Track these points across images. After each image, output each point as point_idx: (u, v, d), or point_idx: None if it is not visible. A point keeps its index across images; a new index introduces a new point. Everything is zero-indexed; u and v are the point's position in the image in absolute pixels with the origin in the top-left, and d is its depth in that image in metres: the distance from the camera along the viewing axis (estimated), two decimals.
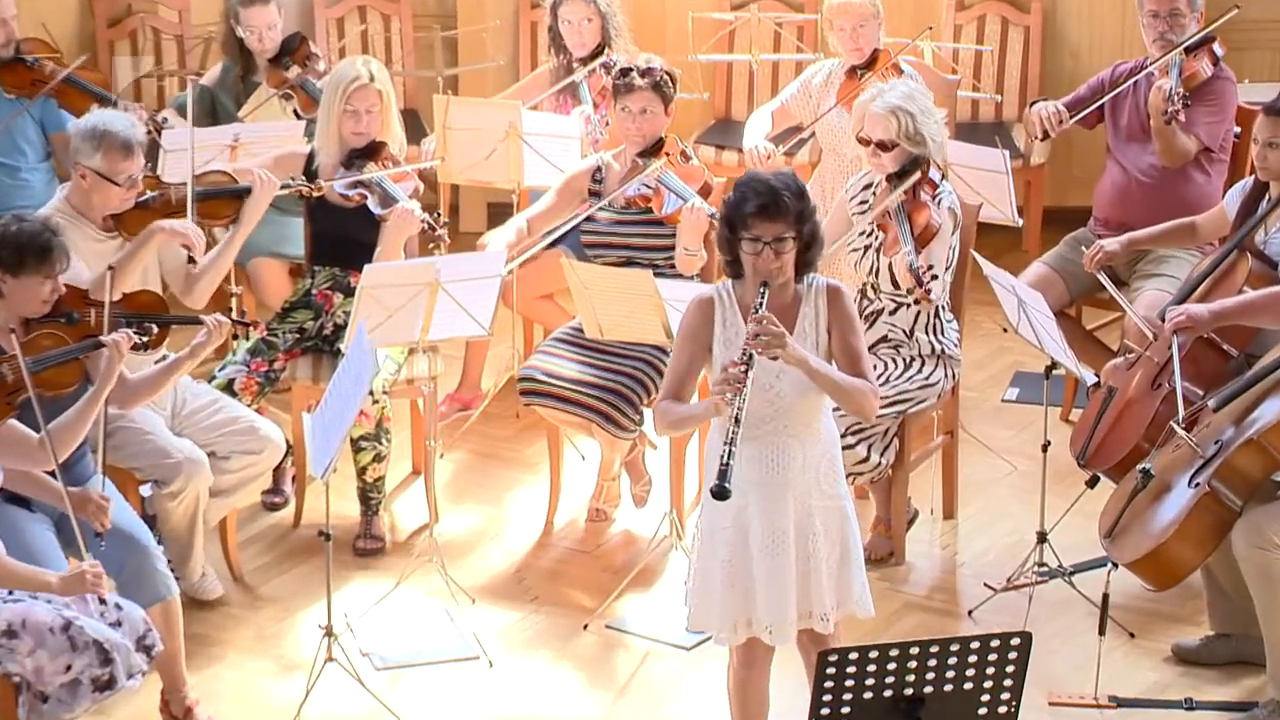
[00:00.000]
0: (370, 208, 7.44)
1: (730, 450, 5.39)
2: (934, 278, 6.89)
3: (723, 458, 5.40)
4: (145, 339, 6.32)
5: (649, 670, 6.75)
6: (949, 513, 7.60)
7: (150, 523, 6.69)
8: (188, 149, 7.40)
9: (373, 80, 7.48)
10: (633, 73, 7.48)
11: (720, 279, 5.80)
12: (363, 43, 9.84)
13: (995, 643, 4.97)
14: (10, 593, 5.86)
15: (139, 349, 6.29)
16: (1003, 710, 5.05)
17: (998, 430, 8.21)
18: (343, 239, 7.53)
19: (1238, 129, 8.09)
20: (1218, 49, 8.00)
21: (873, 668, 4.92)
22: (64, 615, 5.81)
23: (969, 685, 4.99)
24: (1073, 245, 8.11)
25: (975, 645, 4.97)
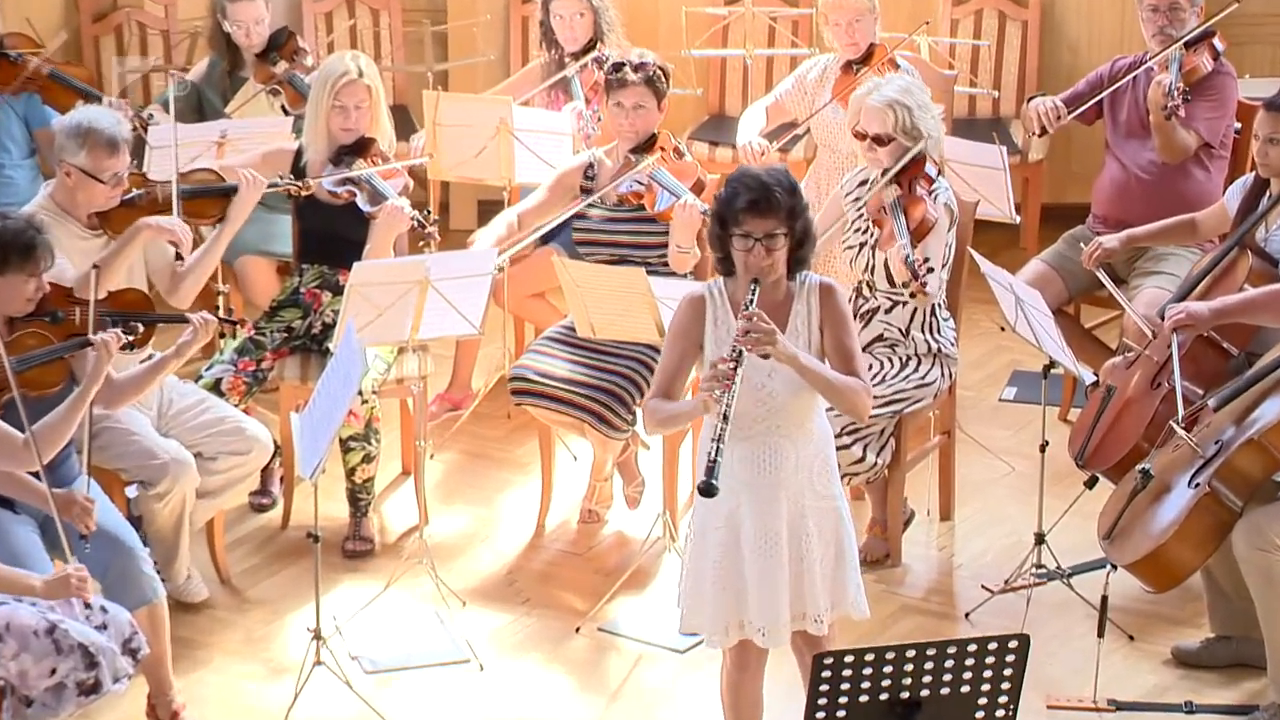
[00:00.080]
0: (359, 205, 7.40)
1: (718, 447, 5.35)
2: (930, 270, 6.83)
3: (710, 454, 5.36)
4: (131, 338, 6.30)
5: (642, 674, 6.72)
6: (946, 514, 7.57)
7: (136, 524, 6.67)
8: (173, 145, 7.35)
9: (361, 75, 7.44)
10: (625, 68, 7.44)
11: (713, 277, 5.75)
12: (351, 37, 9.82)
13: (993, 645, 4.95)
14: None
15: (125, 348, 6.27)
16: (1000, 714, 5.03)
17: (995, 430, 8.18)
18: (331, 236, 7.50)
19: (1238, 125, 8.08)
20: (1218, 44, 7.98)
21: (868, 671, 4.90)
22: (49, 618, 5.78)
23: (966, 689, 4.97)
24: (1071, 243, 8.08)
25: (972, 648, 4.94)
